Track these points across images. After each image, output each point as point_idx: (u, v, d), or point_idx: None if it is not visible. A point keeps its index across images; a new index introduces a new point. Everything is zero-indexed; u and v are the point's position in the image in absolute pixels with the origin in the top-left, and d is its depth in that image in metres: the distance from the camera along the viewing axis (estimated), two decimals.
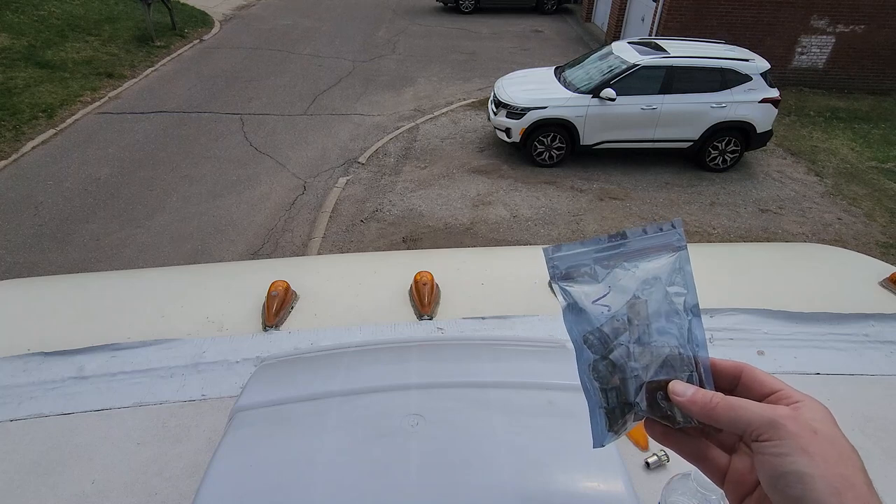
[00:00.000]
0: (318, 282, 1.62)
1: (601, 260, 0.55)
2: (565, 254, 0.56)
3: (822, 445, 0.44)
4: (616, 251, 0.55)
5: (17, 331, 1.43)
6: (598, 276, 0.55)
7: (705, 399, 0.50)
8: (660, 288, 0.53)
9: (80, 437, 1.12)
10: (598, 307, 0.54)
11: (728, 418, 0.48)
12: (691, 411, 0.51)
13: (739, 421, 0.47)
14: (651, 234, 0.55)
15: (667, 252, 0.54)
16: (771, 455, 0.45)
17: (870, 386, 1.27)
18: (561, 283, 0.55)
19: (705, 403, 0.50)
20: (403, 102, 10.03)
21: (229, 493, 0.82)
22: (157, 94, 9.79)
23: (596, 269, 0.55)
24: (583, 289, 0.55)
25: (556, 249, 0.56)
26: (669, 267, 0.54)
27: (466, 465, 0.84)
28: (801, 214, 7.21)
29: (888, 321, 1.46)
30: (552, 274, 0.56)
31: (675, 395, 0.51)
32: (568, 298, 0.54)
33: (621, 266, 0.54)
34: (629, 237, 0.55)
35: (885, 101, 11.41)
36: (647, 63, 7.44)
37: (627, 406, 0.53)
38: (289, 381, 1.08)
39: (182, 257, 5.82)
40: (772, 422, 0.45)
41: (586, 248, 0.55)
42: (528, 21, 16.34)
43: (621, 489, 0.82)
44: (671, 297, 0.53)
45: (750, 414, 0.47)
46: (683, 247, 0.54)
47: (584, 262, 0.55)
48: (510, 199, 7.15)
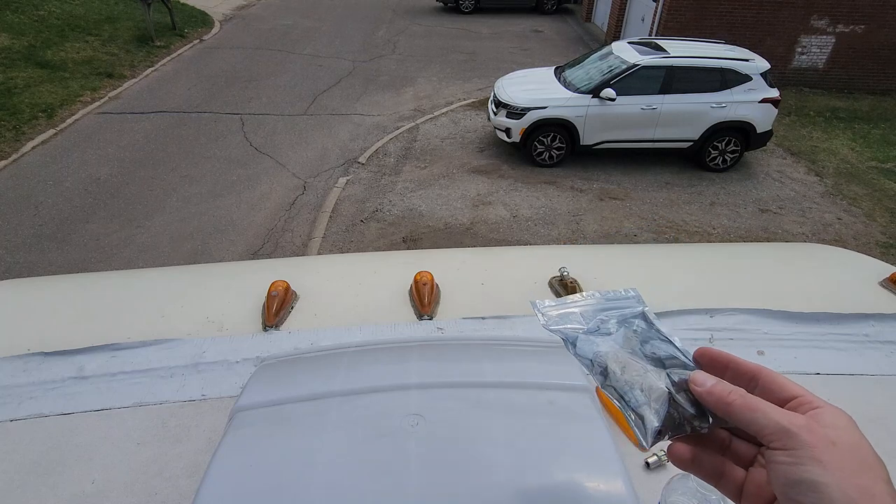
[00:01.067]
0: (318, 282, 1.62)
1: (584, 312, 0.64)
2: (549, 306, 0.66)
3: (838, 455, 0.42)
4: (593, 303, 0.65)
5: (17, 331, 1.43)
6: (583, 318, 0.63)
7: (723, 392, 0.49)
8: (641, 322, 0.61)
9: (80, 437, 1.12)
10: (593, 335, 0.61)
11: (743, 417, 0.47)
12: (708, 402, 0.50)
13: (754, 423, 0.46)
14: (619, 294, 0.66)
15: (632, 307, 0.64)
16: (783, 463, 0.44)
17: (870, 386, 1.27)
18: (552, 328, 0.63)
19: (723, 397, 0.49)
20: (403, 102, 10.04)
21: (229, 493, 0.82)
22: (157, 94, 9.79)
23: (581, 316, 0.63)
24: (573, 326, 0.62)
25: (541, 305, 0.66)
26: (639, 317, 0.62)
27: (466, 465, 0.84)
28: (801, 214, 7.21)
29: (888, 321, 1.46)
30: (542, 325, 0.64)
31: (694, 385, 0.51)
32: (564, 335, 0.62)
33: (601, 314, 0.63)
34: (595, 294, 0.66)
35: (885, 101, 11.42)
36: (647, 63, 7.44)
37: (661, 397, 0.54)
38: (289, 381, 1.08)
39: (182, 257, 5.83)
40: (786, 430, 0.44)
41: (568, 304, 0.65)
42: (528, 21, 16.35)
43: (621, 489, 0.82)
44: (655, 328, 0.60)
45: (765, 418, 0.46)
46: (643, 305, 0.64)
47: (568, 314, 0.64)
48: (510, 199, 7.15)
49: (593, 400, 0.99)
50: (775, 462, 0.44)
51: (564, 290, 1.56)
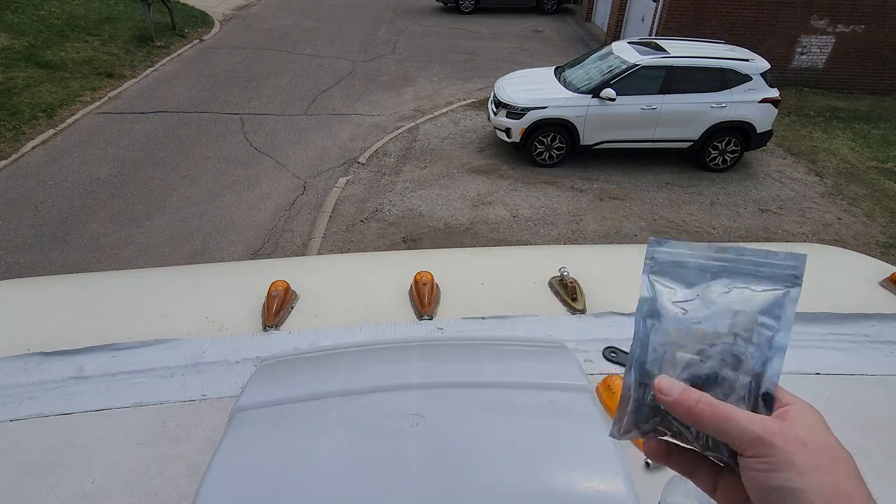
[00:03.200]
0: (318, 282, 1.62)
1: (703, 268, 0.53)
2: (668, 251, 0.54)
3: (812, 457, 0.42)
4: (723, 264, 0.52)
5: (17, 331, 1.43)
6: (692, 281, 0.53)
7: (691, 401, 0.47)
8: (749, 314, 0.50)
9: (80, 437, 1.12)
10: (675, 307, 0.52)
11: (713, 427, 0.46)
12: (676, 412, 0.48)
13: (726, 432, 0.45)
14: (768, 260, 0.51)
15: (776, 283, 0.51)
16: (759, 471, 0.43)
17: (870, 386, 1.27)
18: (651, 276, 0.54)
19: (690, 406, 0.47)
20: (403, 102, 10.04)
21: (229, 493, 0.82)
22: (157, 94, 9.79)
23: (693, 274, 0.53)
24: (670, 289, 0.53)
25: (661, 243, 0.54)
26: (772, 300, 0.50)
27: (466, 465, 0.84)
28: (801, 214, 7.21)
29: (888, 321, 1.46)
30: (646, 266, 0.54)
31: (660, 394, 0.48)
32: (650, 292, 0.53)
33: (720, 280, 0.52)
34: (742, 255, 0.52)
35: (885, 101, 11.42)
36: (647, 63, 7.44)
37: (657, 410, 0.51)
38: (289, 381, 1.08)
39: (182, 257, 5.83)
40: (759, 438, 0.43)
41: (693, 251, 0.53)
42: (528, 21, 16.34)
43: (621, 489, 0.82)
44: (757, 326, 0.50)
45: (736, 427, 0.45)
46: (797, 284, 0.50)
47: (684, 263, 0.53)
48: (510, 199, 7.15)
49: (593, 400, 0.99)
50: (751, 470, 0.44)
51: (564, 290, 1.56)
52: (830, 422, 0.47)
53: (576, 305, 1.51)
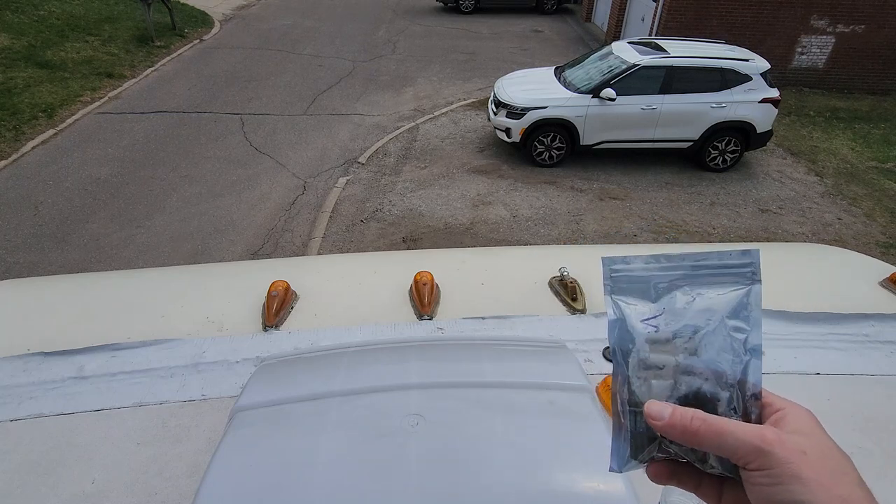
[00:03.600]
0: (318, 282, 1.62)
1: (662, 279, 0.52)
2: (625, 267, 0.53)
3: (814, 467, 0.42)
4: (680, 272, 0.52)
5: (17, 331, 1.43)
6: (654, 295, 0.52)
7: (684, 420, 0.46)
8: (718, 319, 0.49)
9: (80, 437, 1.12)
10: (645, 326, 0.51)
11: (711, 443, 0.45)
12: (672, 435, 0.47)
13: (724, 447, 0.45)
14: (722, 262, 0.51)
15: (736, 284, 0.50)
16: (761, 485, 0.43)
17: (870, 386, 1.27)
18: (614, 297, 0.53)
19: (685, 427, 0.46)
20: (403, 102, 10.03)
21: (229, 493, 0.82)
22: (157, 94, 9.79)
23: (654, 287, 0.52)
24: (635, 306, 0.52)
25: (615, 262, 0.54)
26: (735, 301, 0.50)
27: (466, 465, 0.84)
28: (801, 214, 7.21)
29: (888, 321, 1.46)
30: (607, 287, 0.53)
31: (651, 420, 0.47)
32: (617, 313, 0.52)
33: (682, 289, 0.51)
34: (697, 261, 0.52)
35: (885, 101, 11.41)
36: (647, 63, 7.44)
37: (653, 436, 0.50)
38: (289, 381, 1.08)
39: (182, 257, 5.82)
40: (759, 449, 0.43)
41: (649, 265, 0.53)
42: (528, 21, 16.34)
43: (621, 489, 0.82)
44: (729, 332, 0.49)
45: (735, 440, 0.44)
46: (757, 281, 0.50)
47: (643, 277, 0.53)
48: (510, 199, 7.15)
49: (593, 400, 0.99)
50: (754, 484, 0.43)
51: (564, 290, 1.56)
52: (830, 422, 0.47)
53: (576, 305, 1.51)
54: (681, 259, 0.52)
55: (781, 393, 0.49)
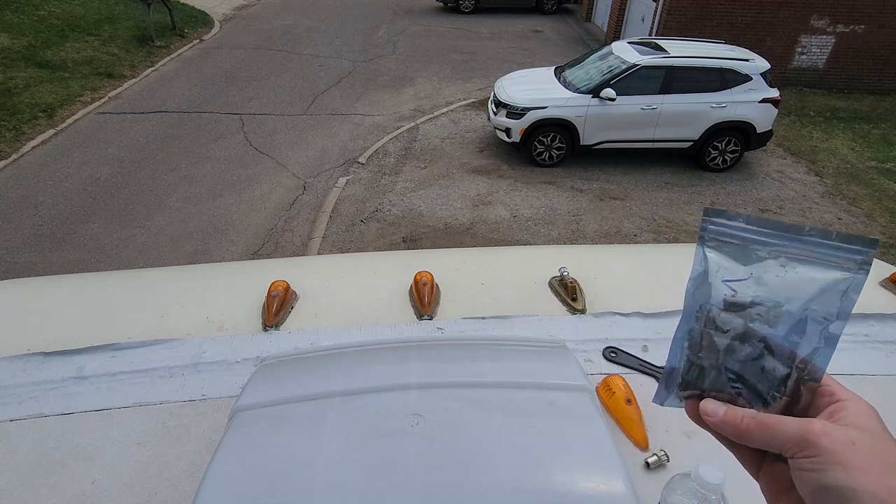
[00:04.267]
0: (318, 282, 1.62)
1: (759, 243, 0.49)
2: (724, 222, 0.51)
3: (861, 457, 0.42)
4: (782, 242, 0.49)
5: (17, 331, 1.43)
6: (747, 258, 0.50)
7: (735, 420, 0.48)
8: (804, 300, 0.47)
9: (80, 437, 1.12)
10: (724, 287, 0.50)
11: (761, 438, 0.47)
12: (724, 431, 0.49)
13: (773, 441, 0.46)
14: (832, 242, 0.47)
15: (839, 269, 0.47)
16: (808, 471, 0.43)
17: (870, 386, 1.27)
18: (706, 248, 0.51)
19: (736, 425, 0.48)
20: (403, 102, 10.03)
21: (229, 493, 0.82)
22: (157, 94, 9.79)
23: (748, 249, 0.50)
24: (722, 262, 0.50)
25: (717, 214, 0.51)
26: (831, 286, 0.47)
27: (466, 464, 0.84)
28: (801, 214, 7.21)
29: (888, 321, 1.46)
30: (701, 238, 0.51)
31: (706, 416, 0.50)
32: (702, 265, 0.51)
33: (777, 259, 0.49)
34: (805, 235, 0.48)
35: (885, 101, 11.41)
36: (647, 63, 7.44)
37: (698, 388, 0.51)
38: (289, 381, 1.08)
39: (182, 257, 5.82)
40: (804, 440, 0.44)
41: (751, 225, 0.50)
42: (528, 21, 16.34)
43: (621, 489, 0.82)
44: (810, 315, 0.47)
45: (782, 434, 0.45)
46: (864, 272, 0.46)
47: (739, 237, 0.50)
48: (510, 199, 7.15)
49: (593, 400, 0.99)
50: (800, 469, 0.44)
51: (564, 290, 1.56)
52: None
53: (576, 305, 1.51)
54: (786, 228, 0.49)
55: None
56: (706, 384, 0.51)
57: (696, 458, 0.82)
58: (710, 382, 0.51)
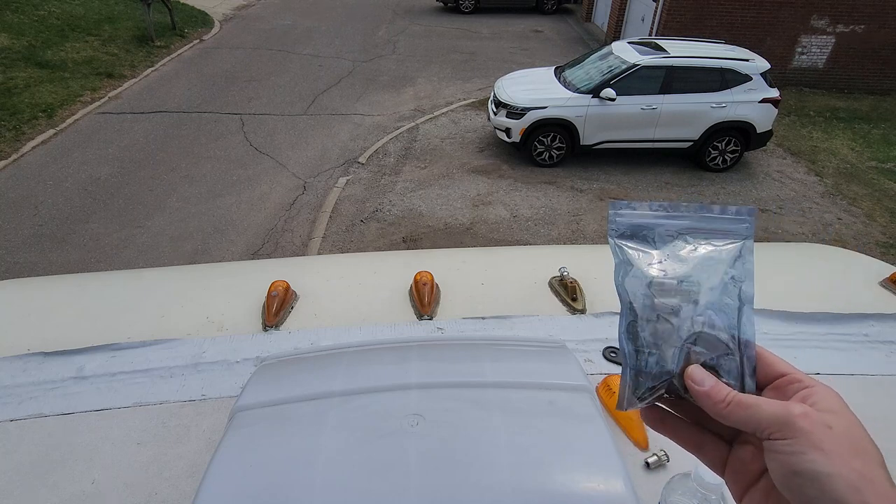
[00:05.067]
0: (318, 282, 1.62)
1: (665, 227, 0.54)
2: (628, 212, 0.55)
3: (837, 441, 0.42)
4: (682, 221, 0.54)
5: (17, 331, 1.43)
6: (658, 242, 0.54)
7: (720, 396, 0.48)
8: (719, 268, 0.52)
9: (80, 437, 1.12)
10: (651, 269, 0.53)
11: (739, 417, 0.46)
12: (703, 404, 0.48)
13: (751, 420, 0.46)
14: (721, 216, 0.54)
15: (732, 238, 0.53)
16: (784, 454, 0.43)
17: (870, 386, 1.27)
18: (618, 241, 0.54)
19: (719, 401, 0.47)
20: (403, 102, 10.03)
21: (229, 493, 0.82)
22: (157, 94, 9.79)
23: (657, 234, 0.54)
24: (638, 251, 0.54)
25: (620, 206, 0.55)
26: (733, 252, 0.53)
27: (466, 465, 0.84)
28: (801, 214, 7.21)
29: (888, 321, 1.46)
30: (611, 230, 0.55)
31: (691, 383, 0.49)
32: (621, 256, 0.54)
33: (683, 238, 0.54)
34: (699, 212, 0.54)
35: (885, 101, 11.41)
36: (647, 63, 7.44)
37: (663, 374, 0.51)
38: (289, 381, 1.08)
39: (182, 257, 5.82)
40: (783, 421, 0.44)
41: (652, 211, 0.55)
42: (528, 21, 16.34)
43: (621, 489, 0.82)
44: (728, 279, 0.52)
45: (762, 413, 0.45)
46: (750, 236, 0.53)
47: (646, 224, 0.55)
48: (510, 199, 7.15)
49: (593, 400, 0.99)
50: (775, 452, 0.44)
51: (564, 290, 1.56)
52: None
53: (576, 305, 1.51)
54: (685, 209, 0.54)
55: None
56: (668, 365, 0.51)
57: (695, 459, 0.82)
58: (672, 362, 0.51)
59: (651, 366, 0.51)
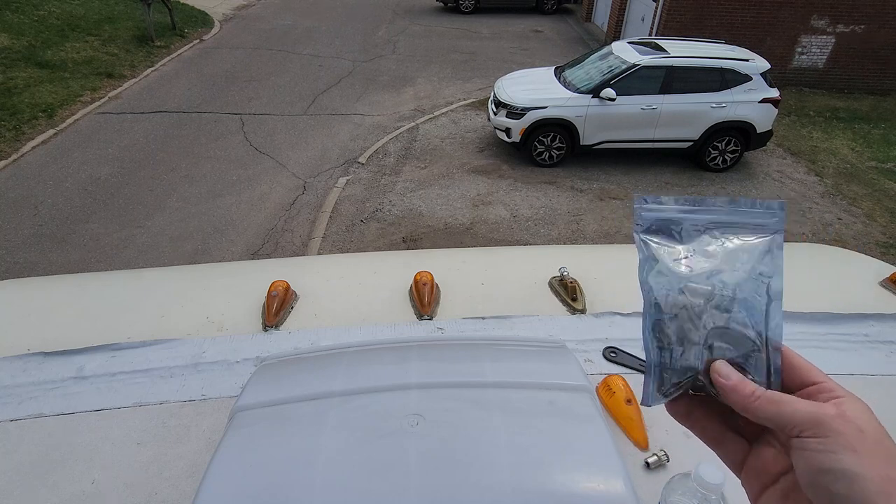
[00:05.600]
0: (318, 282, 1.62)
1: (692, 221, 0.53)
2: (655, 207, 0.53)
3: (870, 446, 0.42)
4: (709, 216, 0.53)
5: (17, 331, 1.43)
6: (685, 237, 0.53)
7: (747, 391, 0.47)
8: (747, 263, 0.51)
9: (80, 437, 1.12)
10: (677, 265, 0.52)
11: (768, 413, 0.46)
12: (730, 399, 0.48)
13: (782, 416, 0.45)
14: (751, 209, 0.52)
15: (761, 232, 0.52)
16: (815, 451, 0.43)
17: (870, 386, 1.27)
18: (643, 236, 0.53)
19: (747, 395, 0.47)
20: (403, 102, 10.03)
21: (229, 493, 0.82)
22: (157, 93, 9.79)
23: (683, 229, 0.53)
24: (664, 246, 0.53)
25: (646, 201, 0.53)
26: (763, 247, 0.51)
27: (466, 464, 0.84)
28: (802, 214, 7.21)
29: (888, 321, 1.46)
30: (636, 225, 0.54)
31: (717, 377, 0.49)
32: (647, 251, 0.53)
33: (710, 233, 0.52)
34: (727, 206, 0.53)
35: (885, 101, 11.41)
36: (647, 63, 7.44)
37: (688, 370, 0.50)
38: (289, 381, 1.08)
39: (182, 257, 5.82)
40: (817, 419, 0.43)
41: (679, 206, 0.53)
42: (528, 21, 16.34)
43: (621, 489, 0.82)
44: (756, 275, 0.51)
45: (793, 410, 0.45)
46: (780, 231, 0.52)
47: (672, 219, 0.53)
48: (510, 199, 7.15)
49: (593, 400, 0.99)
50: (805, 449, 0.43)
51: (564, 290, 1.56)
52: None
53: (576, 305, 1.51)
54: (713, 203, 0.53)
55: None
56: (691, 362, 0.50)
57: (696, 458, 0.82)
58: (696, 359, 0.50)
59: (676, 362, 0.51)
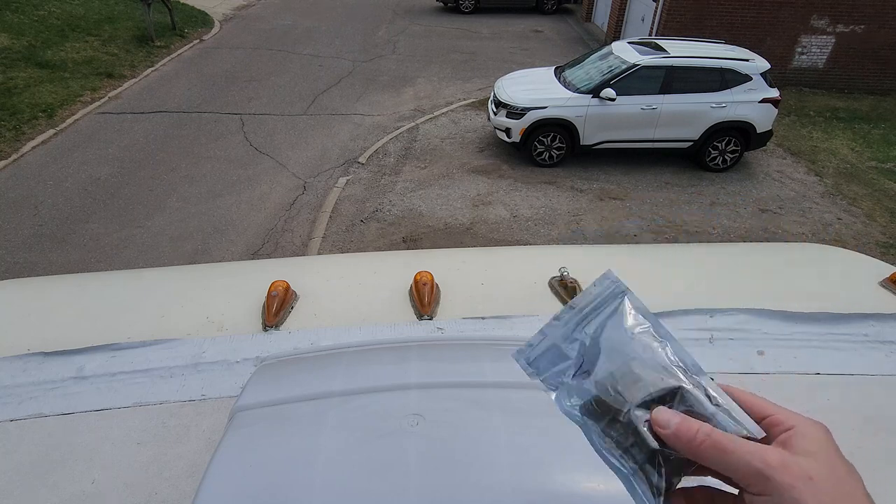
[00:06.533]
0: (318, 282, 1.62)
1: (565, 339, 0.56)
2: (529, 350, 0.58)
3: (818, 494, 0.40)
4: (572, 324, 0.56)
5: (17, 331, 1.43)
6: (568, 354, 0.55)
7: (689, 432, 0.45)
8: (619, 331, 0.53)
9: (80, 437, 1.12)
10: (579, 380, 0.54)
11: (714, 459, 0.44)
12: (675, 445, 0.46)
13: (727, 467, 0.43)
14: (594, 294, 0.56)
15: (612, 301, 0.55)
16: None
17: (870, 386, 1.27)
18: (540, 378, 0.56)
19: (690, 438, 0.44)
20: (403, 102, 10.03)
21: (229, 493, 0.82)
22: (157, 94, 9.79)
23: (563, 349, 0.56)
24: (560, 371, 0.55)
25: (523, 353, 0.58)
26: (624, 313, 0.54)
27: (466, 465, 0.84)
28: (801, 214, 7.21)
29: (888, 321, 1.46)
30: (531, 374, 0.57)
31: (658, 427, 0.46)
32: (552, 386, 0.55)
33: (582, 334, 0.55)
34: (575, 305, 0.56)
35: (885, 101, 11.41)
36: (647, 63, 7.44)
37: (654, 454, 0.48)
38: (289, 381, 1.08)
39: (182, 257, 5.83)
40: (760, 473, 0.41)
41: (547, 336, 0.57)
42: (528, 21, 16.35)
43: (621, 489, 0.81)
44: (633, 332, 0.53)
45: (737, 460, 0.43)
46: (624, 291, 0.55)
47: (551, 349, 0.57)
48: (510, 199, 7.15)
49: None
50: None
51: (564, 290, 1.56)
52: (830, 422, 0.46)
53: None
54: (567, 310, 0.57)
55: (782, 393, 0.49)
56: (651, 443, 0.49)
57: None
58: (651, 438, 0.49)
59: (641, 458, 0.49)
